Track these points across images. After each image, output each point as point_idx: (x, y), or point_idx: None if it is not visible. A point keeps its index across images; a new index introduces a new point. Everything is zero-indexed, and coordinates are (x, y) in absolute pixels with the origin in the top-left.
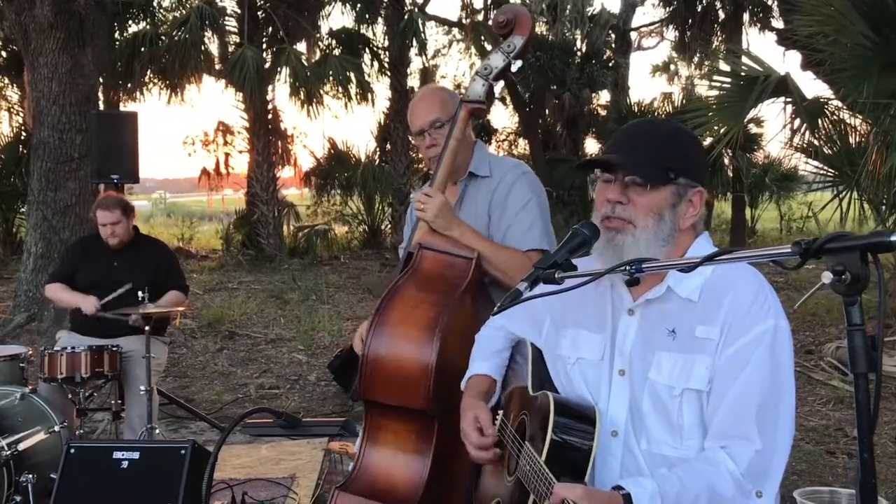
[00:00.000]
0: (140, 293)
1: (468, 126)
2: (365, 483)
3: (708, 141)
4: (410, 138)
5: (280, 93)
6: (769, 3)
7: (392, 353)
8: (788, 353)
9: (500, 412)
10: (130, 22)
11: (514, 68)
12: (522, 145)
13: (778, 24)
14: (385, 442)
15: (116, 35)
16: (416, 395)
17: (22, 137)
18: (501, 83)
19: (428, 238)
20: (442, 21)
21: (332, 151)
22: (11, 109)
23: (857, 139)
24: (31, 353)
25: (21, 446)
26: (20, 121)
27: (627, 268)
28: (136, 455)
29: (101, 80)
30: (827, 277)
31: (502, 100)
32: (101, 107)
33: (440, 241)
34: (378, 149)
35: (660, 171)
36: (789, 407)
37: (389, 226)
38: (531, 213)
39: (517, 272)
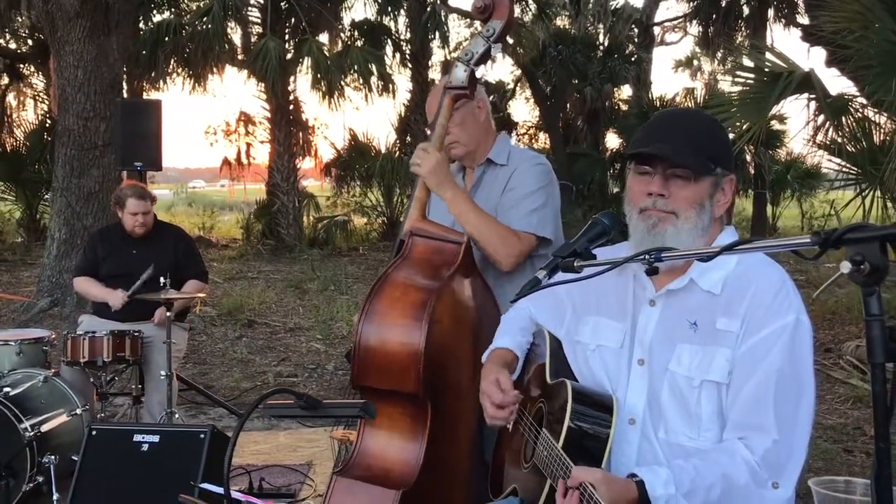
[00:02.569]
0: (161, 279)
1: (454, 110)
2: (362, 467)
3: (730, 137)
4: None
5: (301, 84)
6: None
7: (382, 339)
8: (809, 349)
9: (517, 392)
10: (155, 11)
11: (493, 52)
12: (543, 139)
13: (803, 20)
14: (381, 426)
15: (141, 24)
16: (406, 379)
17: (47, 125)
18: (482, 67)
19: (418, 225)
20: (464, 13)
21: (353, 143)
22: (37, 97)
23: (882, 137)
24: (54, 336)
25: (44, 428)
26: (45, 108)
27: (646, 257)
28: (156, 438)
29: (125, 68)
30: (846, 267)
31: (532, 85)
32: (125, 95)
33: (430, 228)
34: (398, 141)
35: (704, 163)
36: (809, 402)
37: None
38: (537, 199)
39: (501, 245)
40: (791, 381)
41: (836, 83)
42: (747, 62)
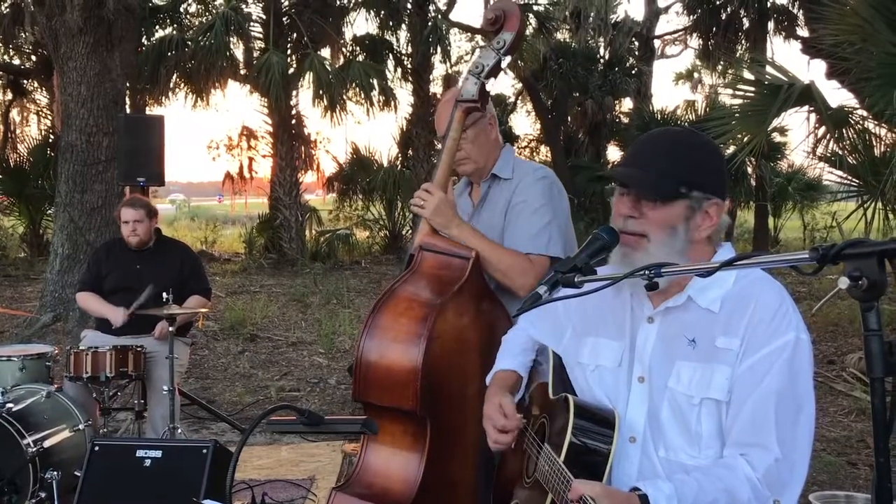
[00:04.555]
0: (164, 294)
1: (465, 124)
2: (363, 484)
3: (731, 149)
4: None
5: (304, 98)
6: (794, 11)
7: (381, 355)
8: (808, 367)
9: (521, 415)
10: (157, 27)
11: (503, 65)
12: (544, 152)
13: (803, 32)
14: (382, 442)
15: (143, 40)
16: (405, 397)
17: (50, 140)
18: (493, 80)
19: (428, 239)
20: (465, 28)
21: (355, 156)
22: (40, 112)
23: (883, 149)
24: (56, 352)
25: (46, 443)
26: (48, 124)
27: (647, 272)
28: (158, 454)
29: (127, 84)
30: (844, 283)
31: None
32: (128, 110)
33: (440, 242)
34: (400, 154)
35: (671, 187)
36: (809, 419)
37: (410, 231)
38: (542, 217)
39: (516, 274)
40: (791, 399)
41: (837, 95)
42: (748, 75)
